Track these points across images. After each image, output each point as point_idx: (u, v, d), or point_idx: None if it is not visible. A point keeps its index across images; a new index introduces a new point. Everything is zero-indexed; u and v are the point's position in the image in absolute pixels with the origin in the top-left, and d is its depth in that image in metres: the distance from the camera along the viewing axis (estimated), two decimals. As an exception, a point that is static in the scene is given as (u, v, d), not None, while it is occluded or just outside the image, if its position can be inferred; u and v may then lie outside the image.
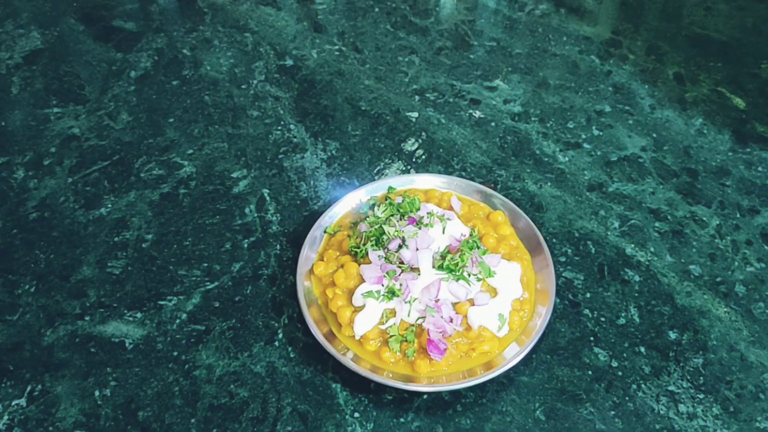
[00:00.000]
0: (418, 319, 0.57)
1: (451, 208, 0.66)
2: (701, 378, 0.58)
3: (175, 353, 0.59)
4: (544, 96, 0.86)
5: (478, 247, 0.60)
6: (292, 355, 0.59)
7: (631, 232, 0.69)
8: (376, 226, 0.61)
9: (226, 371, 0.58)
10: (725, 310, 0.63)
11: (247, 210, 0.71)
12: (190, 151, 0.78)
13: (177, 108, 0.83)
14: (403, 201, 0.64)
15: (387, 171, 0.76)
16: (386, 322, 0.57)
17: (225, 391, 0.57)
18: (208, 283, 0.65)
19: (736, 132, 0.81)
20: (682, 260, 0.67)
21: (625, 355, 0.59)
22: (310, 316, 0.58)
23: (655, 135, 0.80)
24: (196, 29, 0.96)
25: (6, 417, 0.55)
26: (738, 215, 0.72)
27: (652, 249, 0.68)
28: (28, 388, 0.57)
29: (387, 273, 0.58)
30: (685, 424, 0.55)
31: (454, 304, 0.57)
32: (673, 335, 0.61)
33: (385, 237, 0.60)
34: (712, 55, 0.92)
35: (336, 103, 0.84)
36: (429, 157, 0.77)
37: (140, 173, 0.75)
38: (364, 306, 0.57)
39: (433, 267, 0.58)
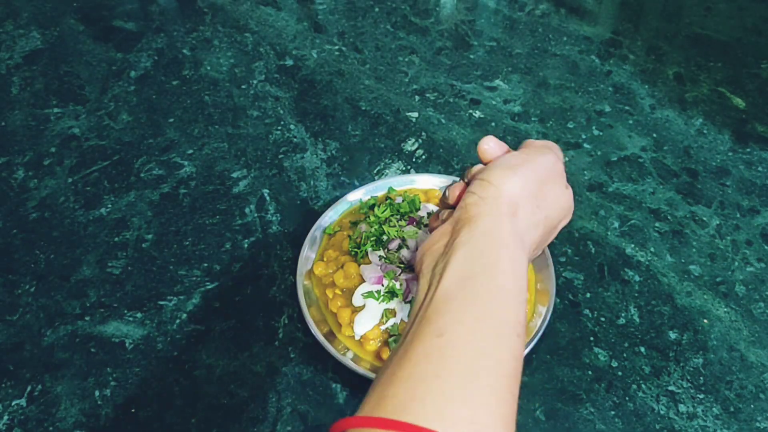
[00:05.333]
0: (418, 319, 0.56)
1: (451, 208, 0.66)
2: (701, 378, 0.58)
3: (175, 353, 0.59)
4: (544, 96, 0.86)
5: (478, 247, 0.60)
6: (292, 355, 0.59)
7: (631, 232, 0.69)
8: (376, 226, 0.61)
9: (226, 371, 0.58)
10: (725, 310, 0.63)
11: (247, 210, 0.71)
12: (190, 151, 0.78)
13: (177, 108, 0.83)
14: (403, 201, 0.64)
15: (387, 171, 0.76)
16: (386, 322, 0.57)
17: (225, 391, 0.57)
18: (208, 283, 0.65)
19: (736, 132, 0.81)
20: (682, 260, 0.67)
21: (625, 355, 0.59)
22: (310, 316, 0.58)
23: (655, 135, 0.80)
24: (196, 29, 0.96)
25: (6, 417, 0.55)
26: (738, 215, 0.72)
27: (652, 249, 0.68)
28: (28, 388, 0.57)
29: (387, 273, 0.58)
30: (685, 424, 0.55)
31: (454, 304, 0.57)
32: (673, 335, 0.61)
33: (385, 237, 0.60)
34: (712, 55, 0.92)
35: (336, 103, 0.84)
36: (429, 157, 0.77)
37: (140, 173, 0.75)
38: (364, 306, 0.57)
39: (433, 267, 0.58)
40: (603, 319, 0.62)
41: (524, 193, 0.38)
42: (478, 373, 0.31)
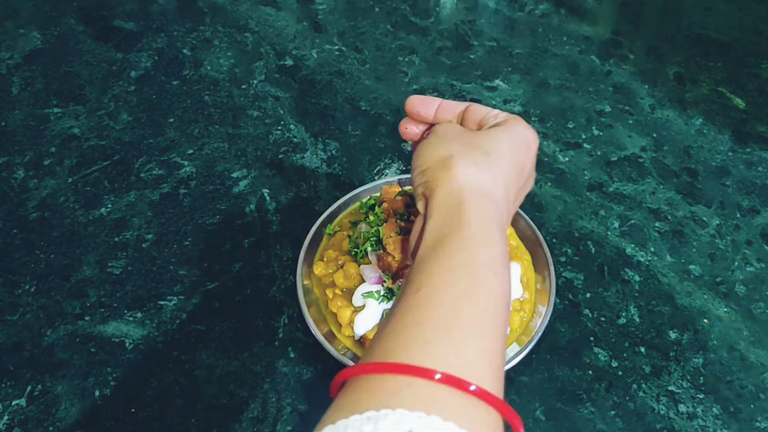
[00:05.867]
0: (418, 319, 0.56)
1: (451, 208, 0.65)
2: (701, 378, 0.58)
3: (175, 353, 0.59)
4: (544, 96, 0.86)
5: (478, 247, 0.60)
6: (292, 355, 0.59)
7: (631, 232, 0.69)
8: (376, 226, 0.61)
9: (226, 371, 0.58)
10: (725, 310, 0.63)
11: (247, 210, 0.71)
12: (190, 151, 0.78)
13: (177, 108, 0.83)
14: (403, 201, 0.64)
15: (387, 171, 0.76)
16: (386, 322, 0.57)
17: (225, 391, 0.57)
18: (208, 283, 0.65)
19: (736, 132, 0.81)
20: (682, 260, 0.67)
21: (625, 355, 0.59)
22: (310, 316, 0.58)
23: (655, 135, 0.80)
24: (196, 29, 0.96)
25: (6, 417, 0.55)
26: (738, 215, 0.72)
27: (652, 249, 0.68)
28: (28, 388, 0.57)
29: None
30: (685, 424, 0.55)
31: (454, 304, 0.57)
32: (673, 335, 0.61)
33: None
34: (712, 55, 0.92)
35: (336, 103, 0.84)
36: (429, 157, 0.77)
37: (140, 173, 0.75)
38: (364, 306, 0.57)
39: (433, 267, 0.58)
40: (603, 319, 0.62)
41: (457, 148, 0.41)
42: (456, 316, 0.33)
